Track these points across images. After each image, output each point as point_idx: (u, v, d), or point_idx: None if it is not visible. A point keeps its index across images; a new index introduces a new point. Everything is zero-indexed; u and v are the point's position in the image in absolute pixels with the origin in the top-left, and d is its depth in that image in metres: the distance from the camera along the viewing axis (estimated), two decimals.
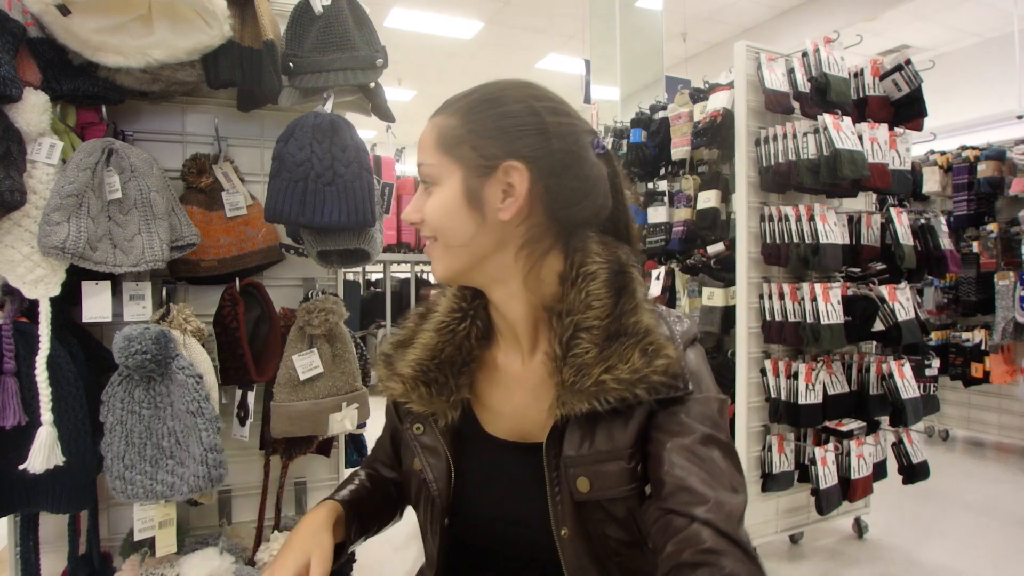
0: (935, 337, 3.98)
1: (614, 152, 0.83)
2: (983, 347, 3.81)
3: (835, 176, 2.37)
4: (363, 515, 0.88)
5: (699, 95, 2.91)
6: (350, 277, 6.68)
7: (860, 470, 2.55)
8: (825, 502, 2.49)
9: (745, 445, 2.57)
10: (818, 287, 2.42)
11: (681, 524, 0.62)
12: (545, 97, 0.74)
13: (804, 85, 2.52)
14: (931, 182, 4.16)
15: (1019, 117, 4.12)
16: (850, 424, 2.62)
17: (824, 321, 2.40)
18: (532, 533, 0.73)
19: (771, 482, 2.54)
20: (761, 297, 2.57)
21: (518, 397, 0.78)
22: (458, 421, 0.80)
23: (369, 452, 1.01)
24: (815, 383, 2.47)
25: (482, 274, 0.75)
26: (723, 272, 2.80)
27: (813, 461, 2.50)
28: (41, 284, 1.26)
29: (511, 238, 0.73)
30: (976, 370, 3.82)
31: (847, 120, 2.45)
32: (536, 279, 0.74)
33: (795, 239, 2.46)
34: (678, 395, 0.68)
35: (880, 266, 2.66)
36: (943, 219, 2.81)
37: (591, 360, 0.68)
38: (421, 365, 0.78)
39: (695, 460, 0.65)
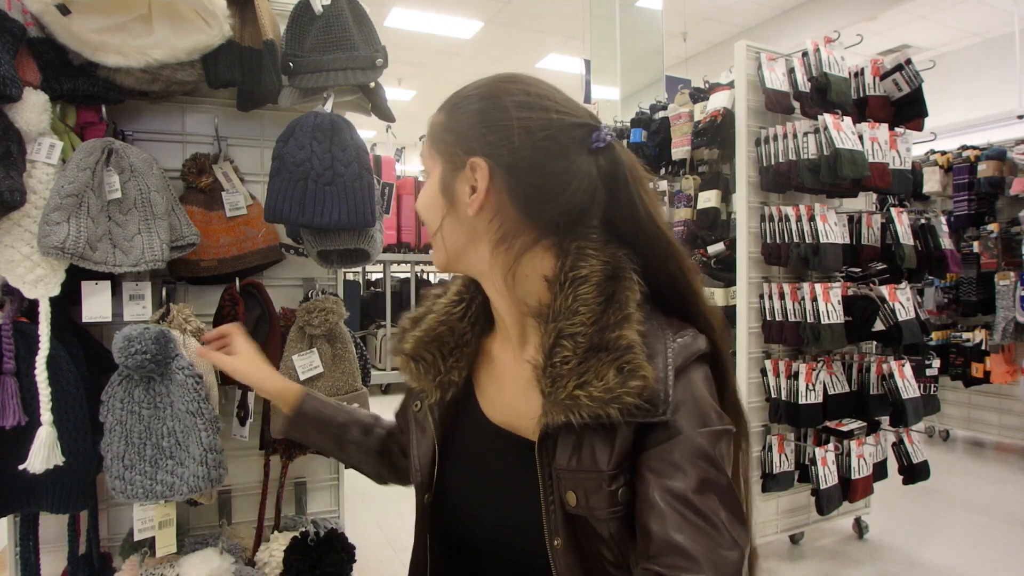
0: (935, 337, 3.98)
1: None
2: (983, 347, 3.81)
3: (835, 176, 2.37)
4: (326, 423, 1.03)
5: (699, 95, 2.92)
6: (350, 277, 6.68)
7: (860, 470, 2.55)
8: (825, 502, 2.49)
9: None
10: (818, 287, 2.42)
11: None
12: (520, 91, 0.72)
13: (804, 85, 2.52)
14: (931, 182, 4.16)
15: (1019, 117, 4.12)
16: (850, 424, 2.62)
17: (824, 321, 2.40)
18: (524, 539, 0.72)
19: (771, 482, 2.54)
20: (761, 297, 2.56)
21: (509, 391, 0.78)
22: (452, 403, 0.81)
23: None
24: (815, 383, 2.47)
25: (468, 266, 0.78)
26: (723, 272, 2.80)
27: (813, 461, 2.50)
28: (41, 284, 1.26)
29: (484, 233, 0.73)
30: (976, 370, 3.82)
31: (847, 120, 2.45)
32: (513, 277, 0.73)
33: (795, 239, 2.46)
34: (653, 420, 0.63)
35: (880, 266, 2.66)
36: (943, 219, 2.81)
37: (566, 372, 0.65)
38: (417, 342, 0.81)
39: (688, 513, 0.60)
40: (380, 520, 3.14)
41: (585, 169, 0.71)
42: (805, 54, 2.54)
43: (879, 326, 2.49)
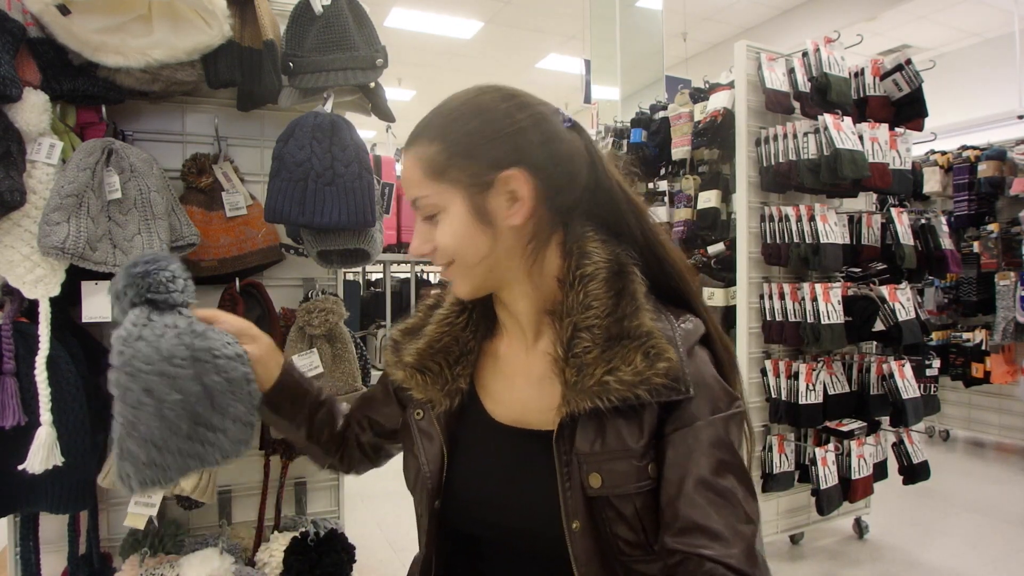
0: (936, 337, 3.98)
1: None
2: (984, 347, 3.81)
3: (835, 176, 2.37)
4: (303, 396, 0.95)
5: (699, 95, 2.92)
6: (350, 277, 6.67)
7: (860, 470, 2.55)
8: (825, 502, 2.49)
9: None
10: (818, 287, 2.42)
11: (697, 564, 0.63)
12: (508, 96, 0.75)
13: (804, 85, 2.52)
14: (932, 182, 4.16)
15: (1020, 117, 4.12)
16: (850, 424, 2.62)
17: (824, 321, 2.40)
18: (538, 524, 0.74)
19: (771, 482, 2.54)
20: (761, 297, 2.56)
21: (520, 386, 0.80)
22: (458, 409, 0.82)
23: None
24: (815, 383, 2.47)
25: (497, 280, 0.78)
26: (723, 272, 2.80)
27: (813, 461, 2.50)
28: (41, 284, 1.26)
29: (520, 238, 0.75)
30: (977, 370, 3.82)
31: (847, 120, 2.45)
32: (539, 273, 0.77)
33: (795, 239, 2.46)
34: (679, 398, 0.69)
35: (880, 266, 2.66)
36: (943, 219, 2.81)
37: (592, 360, 0.70)
38: (421, 354, 0.82)
39: (711, 494, 0.66)
40: (380, 520, 3.14)
41: (577, 145, 0.77)
42: (805, 54, 2.54)
43: (879, 326, 2.49)
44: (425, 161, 0.74)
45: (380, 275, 6.55)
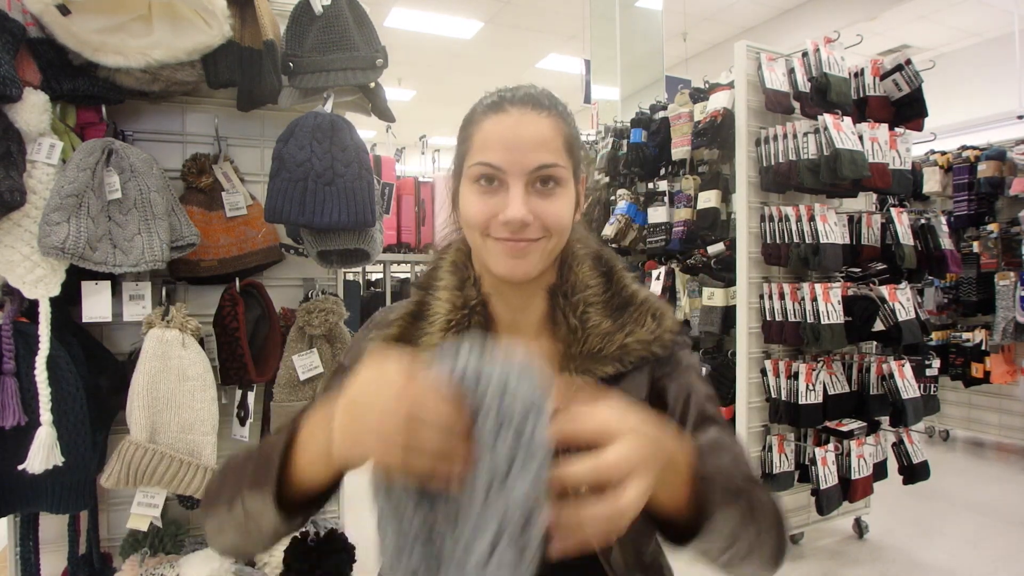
0: (935, 337, 3.98)
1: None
2: (983, 347, 3.81)
3: (835, 176, 2.37)
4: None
5: (699, 95, 2.91)
6: (350, 277, 6.66)
7: (860, 470, 2.55)
8: (825, 502, 2.49)
9: (745, 445, 2.57)
10: (818, 287, 2.42)
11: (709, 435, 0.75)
12: None
13: (804, 85, 2.52)
14: (931, 182, 4.16)
15: (1019, 117, 4.12)
16: (850, 424, 2.62)
17: (824, 321, 2.40)
18: None
19: (771, 482, 2.54)
20: (761, 297, 2.56)
21: None
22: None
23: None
24: (815, 383, 2.47)
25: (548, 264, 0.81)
26: (723, 272, 2.80)
27: (813, 461, 2.50)
28: (41, 284, 1.26)
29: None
30: (976, 370, 3.82)
31: (847, 120, 2.45)
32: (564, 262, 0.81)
33: (795, 239, 2.46)
34: (678, 349, 0.79)
35: (880, 266, 2.66)
36: (943, 219, 2.81)
37: (611, 328, 0.77)
38: None
39: (712, 406, 0.77)
40: None
41: None
42: (805, 54, 2.54)
43: (879, 326, 2.49)
44: (565, 134, 0.75)
45: (380, 275, 6.55)
